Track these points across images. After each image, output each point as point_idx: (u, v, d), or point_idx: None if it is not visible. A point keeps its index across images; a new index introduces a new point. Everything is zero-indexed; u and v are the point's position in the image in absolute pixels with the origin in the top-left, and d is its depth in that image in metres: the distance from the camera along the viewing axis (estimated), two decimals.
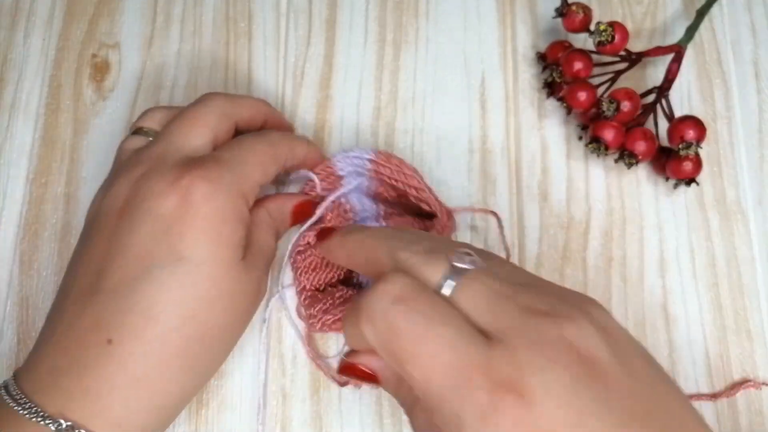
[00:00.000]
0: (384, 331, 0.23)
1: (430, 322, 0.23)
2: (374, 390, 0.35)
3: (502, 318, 0.23)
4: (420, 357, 0.22)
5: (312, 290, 0.35)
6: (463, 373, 0.21)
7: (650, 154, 0.37)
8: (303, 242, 0.35)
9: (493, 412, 0.21)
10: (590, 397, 0.21)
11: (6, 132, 0.40)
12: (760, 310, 0.37)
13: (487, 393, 0.21)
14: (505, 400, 0.21)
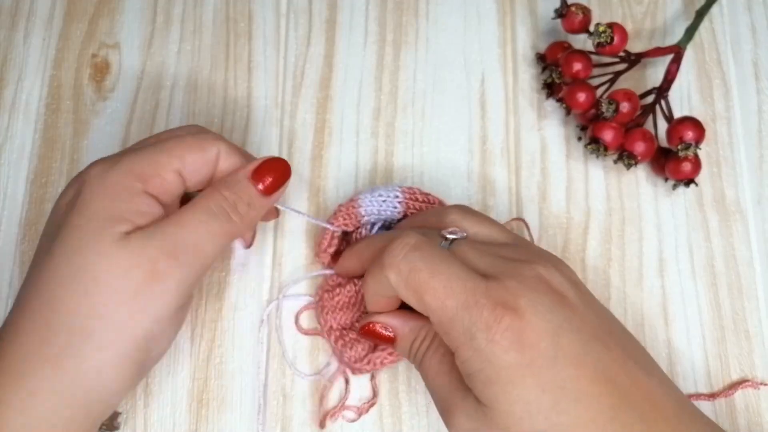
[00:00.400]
0: (406, 271, 0.28)
1: (442, 261, 0.28)
2: (370, 385, 0.35)
3: (490, 264, 0.29)
4: (436, 288, 0.28)
5: (339, 329, 0.35)
6: (470, 297, 0.27)
7: (649, 154, 0.37)
8: (332, 283, 0.36)
9: (495, 324, 0.27)
10: (564, 317, 0.27)
11: (6, 132, 0.40)
12: (758, 310, 0.38)
13: (489, 310, 0.27)
14: (503, 314, 0.27)
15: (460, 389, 0.29)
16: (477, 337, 0.27)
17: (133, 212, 0.29)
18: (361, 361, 0.34)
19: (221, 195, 0.30)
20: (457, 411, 0.28)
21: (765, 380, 0.36)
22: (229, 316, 0.36)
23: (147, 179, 0.30)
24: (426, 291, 0.28)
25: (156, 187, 0.30)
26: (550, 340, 0.27)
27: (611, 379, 0.27)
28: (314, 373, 0.36)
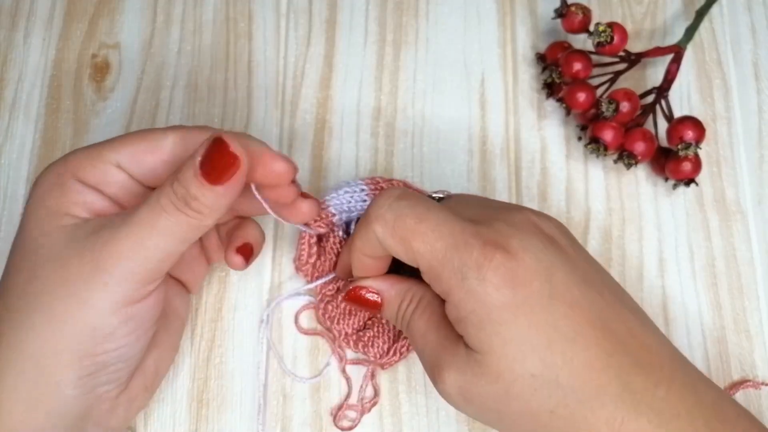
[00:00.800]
0: (392, 220, 0.28)
1: (429, 208, 0.28)
2: (371, 384, 0.35)
3: (478, 213, 0.29)
4: (424, 233, 0.28)
5: (354, 333, 0.35)
6: (460, 238, 0.27)
7: (649, 154, 0.37)
8: (331, 291, 0.35)
9: (486, 262, 0.26)
10: (556, 258, 0.27)
11: (6, 132, 0.40)
12: (759, 310, 0.37)
13: (479, 249, 0.27)
14: (494, 253, 0.27)
15: (449, 344, 0.28)
16: (468, 276, 0.26)
17: (69, 204, 0.29)
18: (387, 354, 0.34)
19: (170, 189, 0.28)
20: (447, 366, 0.28)
21: (766, 380, 0.36)
22: (229, 316, 0.36)
23: (80, 171, 0.29)
24: (414, 236, 0.28)
25: (91, 178, 0.29)
26: (543, 279, 0.26)
27: (606, 323, 0.27)
28: (314, 376, 0.36)
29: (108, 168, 0.30)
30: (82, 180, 0.29)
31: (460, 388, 0.28)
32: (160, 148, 0.30)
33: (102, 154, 0.30)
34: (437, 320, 0.29)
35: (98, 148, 0.30)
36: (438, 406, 0.35)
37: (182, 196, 0.27)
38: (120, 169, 0.30)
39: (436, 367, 0.28)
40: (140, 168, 0.30)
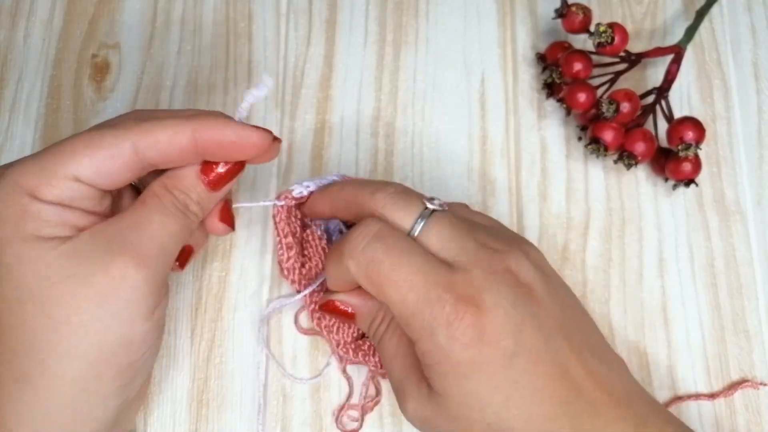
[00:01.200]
0: (365, 263, 0.28)
1: (404, 253, 0.28)
2: (372, 384, 0.35)
3: (462, 251, 0.28)
4: (396, 281, 0.27)
5: (353, 341, 0.35)
6: (432, 291, 0.27)
7: (649, 154, 0.37)
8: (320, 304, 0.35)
9: (456, 319, 0.26)
10: (527, 312, 0.27)
11: (6, 132, 0.40)
12: (758, 310, 0.38)
13: (451, 305, 0.27)
14: (465, 310, 0.27)
15: (414, 375, 0.29)
16: (437, 332, 0.27)
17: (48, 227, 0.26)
18: None
19: (172, 194, 0.28)
20: (410, 397, 0.29)
21: (765, 380, 0.36)
22: (229, 316, 0.36)
23: (36, 191, 0.26)
24: (386, 283, 0.28)
25: (53, 197, 0.26)
26: (510, 337, 0.27)
27: (566, 372, 0.27)
28: (314, 377, 0.36)
29: (65, 184, 0.26)
30: (42, 199, 0.26)
31: (420, 418, 0.29)
32: (122, 156, 0.27)
33: (56, 171, 0.26)
34: (405, 346, 0.30)
35: (50, 161, 0.27)
36: None
37: (183, 202, 0.29)
38: (78, 183, 0.27)
39: (401, 394, 0.29)
40: (109, 179, 0.27)
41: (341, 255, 0.29)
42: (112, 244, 0.27)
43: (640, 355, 0.37)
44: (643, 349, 0.37)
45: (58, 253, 0.26)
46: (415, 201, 0.30)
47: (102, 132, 0.27)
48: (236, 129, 0.28)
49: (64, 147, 0.27)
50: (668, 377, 0.36)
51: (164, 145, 0.27)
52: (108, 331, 0.27)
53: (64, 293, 0.26)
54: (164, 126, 0.27)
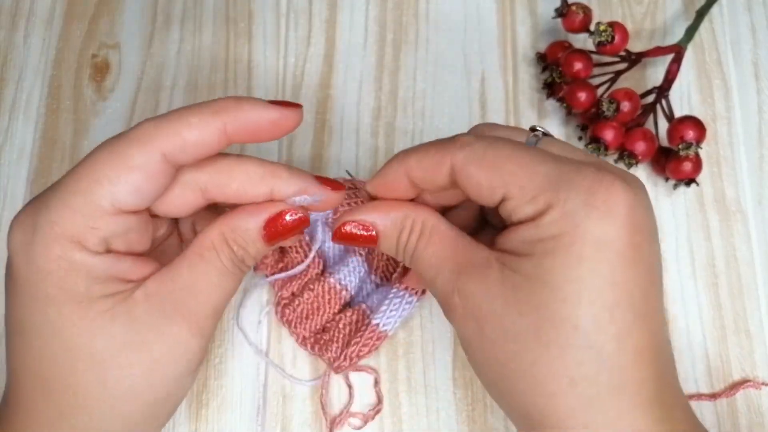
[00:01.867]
0: (482, 148, 0.24)
1: (526, 146, 0.25)
2: (374, 391, 0.35)
3: (588, 158, 0.25)
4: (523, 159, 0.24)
5: (312, 335, 0.35)
6: (568, 165, 0.23)
7: (650, 154, 0.37)
8: (287, 295, 0.35)
9: (601, 187, 0.22)
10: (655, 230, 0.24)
11: (6, 132, 0.40)
12: (759, 310, 0.37)
13: (594, 174, 0.23)
14: (612, 180, 0.23)
15: (470, 266, 0.25)
16: (572, 198, 0.22)
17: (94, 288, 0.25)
18: (339, 359, 0.34)
19: (230, 249, 0.26)
20: (470, 285, 0.24)
21: (766, 380, 0.36)
22: (229, 316, 0.36)
23: (81, 238, 0.24)
24: (510, 161, 0.24)
25: (99, 242, 0.24)
26: (651, 239, 0.23)
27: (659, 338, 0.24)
28: (314, 378, 0.35)
29: (110, 221, 0.24)
30: (88, 249, 0.24)
31: (480, 313, 0.24)
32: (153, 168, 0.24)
33: (95, 208, 0.24)
34: (450, 243, 0.26)
35: (83, 197, 0.24)
36: (438, 406, 0.35)
37: (241, 258, 0.27)
38: (123, 213, 0.25)
39: (454, 293, 0.25)
40: (143, 197, 0.25)
41: (445, 149, 0.25)
42: (167, 309, 0.26)
43: None
44: None
45: (112, 317, 0.25)
46: (521, 129, 0.28)
47: (125, 147, 0.24)
48: (267, 112, 0.25)
49: (92, 175, 0.24)
50: None
51: (193, 147, 0.25)
52: (157, 391, 0.26)
53: (119, 360, 0.25)
54: (190, 126, 0.24)
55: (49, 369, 0.25)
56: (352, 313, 0.35)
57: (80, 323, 0.24)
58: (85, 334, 0.25)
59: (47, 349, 0.25)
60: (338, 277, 0.35)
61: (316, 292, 0.34)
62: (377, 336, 0.34)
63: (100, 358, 0.25)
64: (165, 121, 0.25)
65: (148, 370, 0.26)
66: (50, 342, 0.25)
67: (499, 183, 0.24)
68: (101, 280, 0.25)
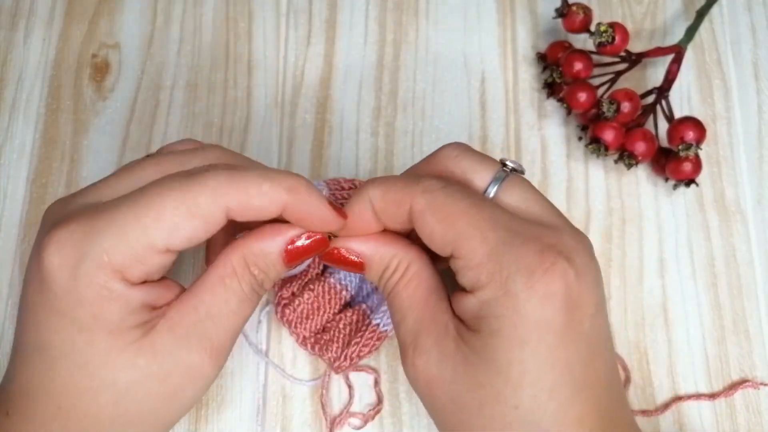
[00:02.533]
0: (442, 197, 0.25)
1: (485, 200, 0.25)
2: (374, 391, 0.35)
3: (546, 212, 0.26)
4: (477, 219, 0.24)
5: (313, 335, 0.35)
6: (518, 237, 0.24)
7: (650, 154, 0.37)
8: (287, 295, 0.35)
9: (541, 268, 0.23)
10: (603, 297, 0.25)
11: (6, 132, 0.40)
12: (758, 310, 0.37)
13: (537, 252, 0.23)
14: (554, 261, 0.23)
15: (433, 329, 0.26)
16: (514, 280, 0.23)
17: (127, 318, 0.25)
18: (339, 359, 0.34)
19: (251, 274, 0.27)
20: (424, 352, 0.25)
21: (765, 380, 0.36)
22: None
23: (126, 271, 0.24)
24: (464, 220, 0.24)
25: (142, 275, 0.25)
26: (590, 312, 0.24)
27: (609, 386, 0.25)
28: (314, 378, 0.36)
29: (158, 258, 0.25)
30: (130, 281, 0.24)
31: (429, 378, 0.25)
32: (214, 221, 0.25)
33: (148, 247, 0.24)
34: (423, 294, 0.27)
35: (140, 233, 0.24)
36: None
37: (261, 282, 0.27)
38: (167, 254, 0.25)
39: (409, 347, 0.26)
40: (193, 243, 0.25)
41: (409, 190, 0.26)
42: (191, 338, 0.26)
43: (640, 355, 0.37)
44: (643, 349, 0.37)
45: (138, 349, 0.25)
46: (490, 161, 0.27)
47: (196, 194, 0.24)
48: (321, 213, 0.26)
49: (152, 215, 0.24)
50: (668, 377, 0.36)
51: (255, 212, 0.25)
52: (174, 415, 0.27)
53: (139, 391, 0.25)
54: (260, 193, 0.25)
55: (71, 397, 0.25)
56: (352, 313, 0.35)
57: (108, 355, 0.25)
58: (111, 366, 0.25)
59: (70, 377, 0.25)
60: (338, 277, 0.35)
61: (317, 292, 0.35)
62: (377, 336, 0.34)
63: (123, 388, 0.25)
64: (240, 178, 0.25)
65: (170, 398, 0.26)
66: (75, 371, 0.25)
67: (451, 239, 0.25)
68: (135, 311, 0.25)
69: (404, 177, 0.27)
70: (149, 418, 0.26)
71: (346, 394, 0.35)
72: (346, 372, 0.35)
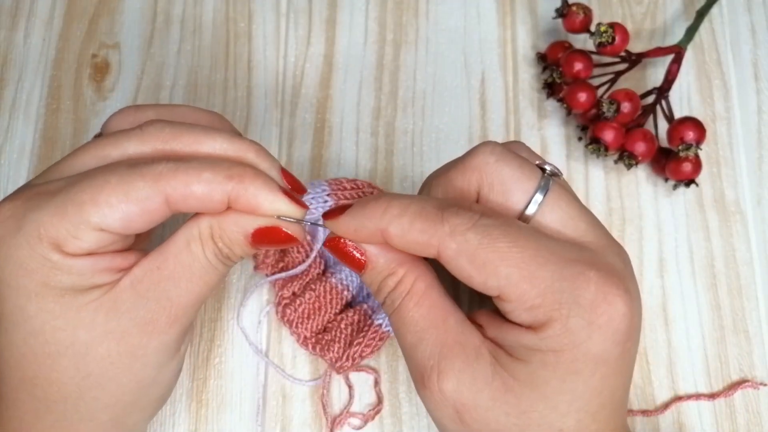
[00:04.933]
0: (475, 241, 0.23)
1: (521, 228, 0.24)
2: (374, 391, 0.35)
3: (590, 231, 0.25)
4: (521, 259, 0.23)
5: (314, 336, 0.35)
6: (570, 267, 0.23)
7: (650, 155, 0.37)
8: (288, 295, 0.35)
9: (604, 302, 0.23)
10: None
11: (6, 132, 0.40)
12: (758, 310, 0.38)
13: (597, 285, 0.23)
14: (616, 294, 0.23)
15: (460, 352, 0.24)
16: (575, 315, 0.22)
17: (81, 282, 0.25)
18: (341, 359, 0.34)
19: (216, 246, 0.26)
20: (453, 373, 0.24)
21: (765, 380, 0.36)
22: (229, 316, 0.36)
23: (62, 244, 0.24)
24: (506, 263, 0.23)
25: (79, 249, 0.25)
26: (633, 339, 0.24)
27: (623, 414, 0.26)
28: (314, 379, 0.36)
29: (92, 235, 0.24)
30: (68, 253, 0.24)
31: (461, 402, 0.24)
32: (152, 208, 0.25)
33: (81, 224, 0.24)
34: (440, 315, 0.25)
35: (75, 212, 0.24)
36: None
37: (226, 255, 0.27)
38: (107, 233, 0.25)
39: (434, 370, 0.25)
40: (131, 228, 0.25)
41: (436, 232, 0.24)
42: (150, 298, 0.26)
43: (640, 355, 0.37)
44: (643, 349, 0.37)
45: (97, 307, 0.25)
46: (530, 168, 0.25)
47: (132, 181, 0.24)
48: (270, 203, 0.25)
49: (89, 195, 0.24)
50: (668, 377, 0.36)
51: (197, 203, 0.25)
52: (139, 379, 0.27)
53: (100, 351, 0.25)
54: (201, 181, 0.24)
55: (31, 366, 0.25)
56: (353, 313, 0.35)
57: (64, 317, 0.25)
58: (68, 327, 0.25)
59: (27, 345, 0.25)
60: (340, 277, 0.35)
61: (318, 292, 0.35)
62: (380, 336, 0.34)
63: (82, 350, 0.25)
64: (182, 168, 0.25)
65: (130, 358, 0.26)
66: (30, 339, 0.25)
67: (495, 284, 0.23)
68: (88, 276, 0.25)
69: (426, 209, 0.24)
70: (114, 383, 0.26)
71: (346, 394, 0.35)
72: (346, 372, 0.35)
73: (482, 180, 0.25)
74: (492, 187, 0.25)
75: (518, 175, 0.25)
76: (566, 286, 0.23)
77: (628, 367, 0.25)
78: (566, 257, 0.23)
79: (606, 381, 0.23)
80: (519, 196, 0.25)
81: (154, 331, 0.26)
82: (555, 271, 0.23)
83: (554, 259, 0.23)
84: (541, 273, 0.23)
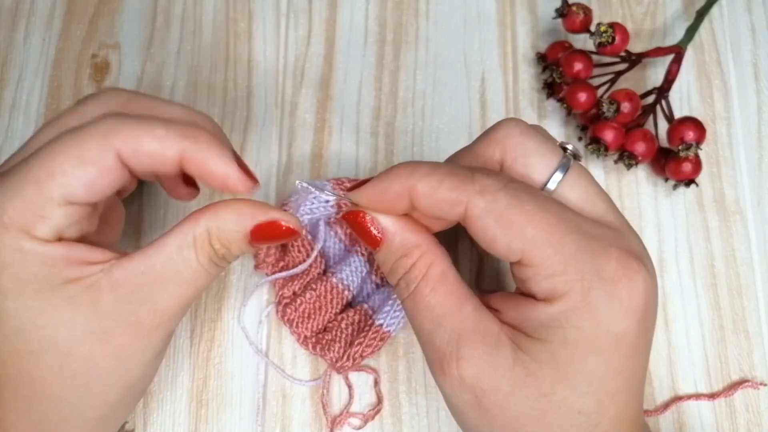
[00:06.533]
0: (505, 200, 0.23)
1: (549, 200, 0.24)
2: (374, 391, 0.35)
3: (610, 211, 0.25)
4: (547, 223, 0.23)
5: (314, 335, 0.35)
6: (594, 241, 0.23)
7: (650, 155, 0.37)
8: (288, 294, 0.35)
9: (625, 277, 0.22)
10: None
11: (6, 132, 0.40)
12: (758, 310, 0.38)
13: (618, 260, 0.23)
14: (637, 269, 0.23)
15: (477, 335, 0.24)
16: (597, 289, 0.22)
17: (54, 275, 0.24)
18: (342, 359, 0.34)
19: (212, 247, 0.26)
20: (474, 357, 0.24)
21: (765, 380, 0.36)
22: (229, 316, 0.36)
23: (30, 228, 0.23)
24: (532, 225, 0.23)
25: (50, 231, 0.24)
26: (653, 317, 0.23)
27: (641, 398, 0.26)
28: (314, 379, 0.36)
29: (61, 211, 0.24)
30: (39, 238, 0.24)
31: (481, 388, 0.24)
32: (109, 167, 0.24)
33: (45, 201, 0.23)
34: (457, 302, 0.25)
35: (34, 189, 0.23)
36: (438, 406, 0.35)
37: (222, 256, 0.26)
38: (74, 205, 0.24)
39: (453, 357, 0.24)
40: (95, 193, 0.24)
41: (464, 190, 0.23)
42: (133, 301, 0.25)
43: None
44: None
45: (75, 305, 0.24)
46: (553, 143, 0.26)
47: (82, 143, 0.23)
48: (223, 167, 0.25)
49: (43, 170, 0.23)
50: (668, 377, 0.36)
51: (149, 158, 0.24)
52: (123, 379, 0.26)
53: (82, 351, 0.25)
54: (154, 137, 0.24)
55: (13, 364, 0.25)
56: (354, 313, 0.35)
57: (42, 314, 0.24)
58: (49, 325, 0.24)
59: (9, 343, 0.25)
60: (340, 277, 0.35)
61: (319, 292, 0.35)
62: (381, 336, 0.34)
63: (65, 349, 0.25)
64: (132, 122, 0.24)
65: (113, 359, 0.25)
66: (12, 337, 0.24)
67: (519, 246, 0.23)
68: (60, 267, 0.24)
69: (455, 170, 0.24)
70: (100, 384, 0.26)
71: (346, 394, 0.35)
72: (347, 372, 0.35)
73: (506, 152, 0.26)
74: (516, 159, 0.25)
75: (542, 149, 0.26)
76: (588, 258, 0.23)
77: (646, 348, 0.24)
78: (589, 232, 0.23)
79: (625, 361, 0.23)
80: (541, 171, 0.25)
81: (139, 334, 0.25)
82: (579, 241, 0.23)
83: (578, 230, 0.23)
84: (567, 240, 0.23)
